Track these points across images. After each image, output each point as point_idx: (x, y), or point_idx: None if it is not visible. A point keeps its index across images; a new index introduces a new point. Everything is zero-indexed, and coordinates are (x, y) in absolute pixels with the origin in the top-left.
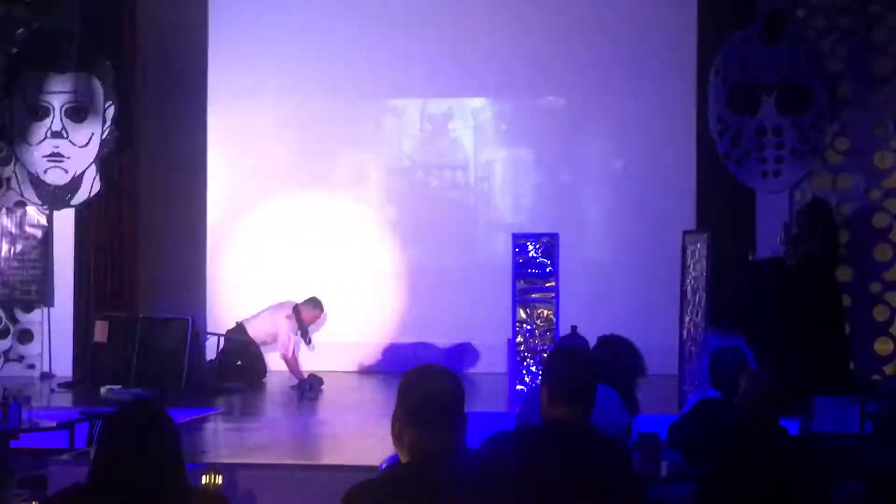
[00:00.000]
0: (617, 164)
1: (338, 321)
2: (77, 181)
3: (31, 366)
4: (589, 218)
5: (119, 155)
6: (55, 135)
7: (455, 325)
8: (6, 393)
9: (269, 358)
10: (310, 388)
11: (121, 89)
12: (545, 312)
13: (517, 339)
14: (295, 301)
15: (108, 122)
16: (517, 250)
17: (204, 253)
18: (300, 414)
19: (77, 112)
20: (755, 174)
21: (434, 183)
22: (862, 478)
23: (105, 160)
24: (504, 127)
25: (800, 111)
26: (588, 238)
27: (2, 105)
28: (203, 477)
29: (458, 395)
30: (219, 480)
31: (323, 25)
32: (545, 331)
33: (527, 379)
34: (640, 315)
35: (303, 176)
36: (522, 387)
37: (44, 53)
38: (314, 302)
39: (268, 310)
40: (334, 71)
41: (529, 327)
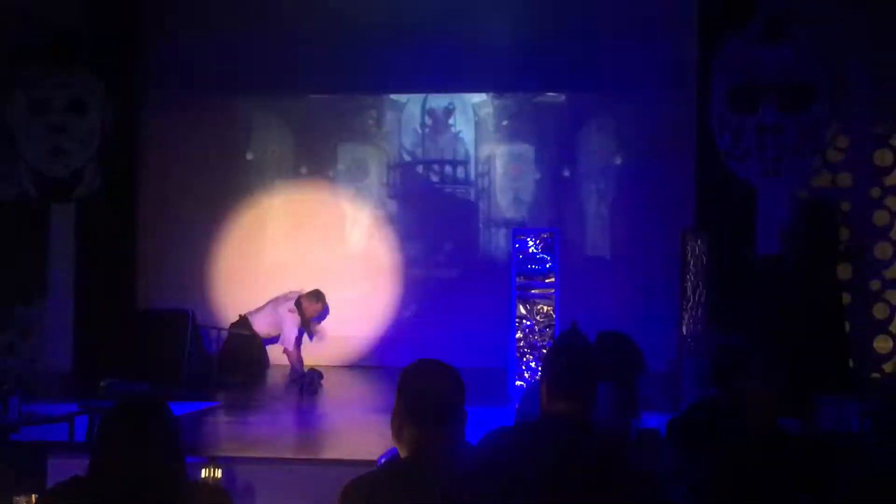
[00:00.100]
0: (617, 161)
1: (337, 316)
2: (78, 176)
3: (32, 359)
4: (589, 214)
5: (119, 150)
6: (56, 129)
7: (454, 321)
8: (6, 386)
9: (271, 352)
10: (309, 383)
11: (122, 84)
12: (545, 308)
13: (517, 335)
14: (297, 293)
15: (109, 117)
16: (517, 246)
17: (204, 246)
18: (299, 408)
19: (78, 106)
20: (756, 172)
21: (434, 178)
22: (861, 476)
23: (106, 155)
24: (505, 122)
25: (800, 109)
26: (588, 234)
27: (4, 99)
28: (202, 470)
29: (458, 391)
30: (218, 474)
31: (324, 19)
32: (545, 327)
33: (526, 375)
34: (640, 312)
35: (303, 170)
36: (522, 382)
37: (46, 47)
38: (316, 295)
39: (270, 303)
40: (335, 65)
41: (529, 323)
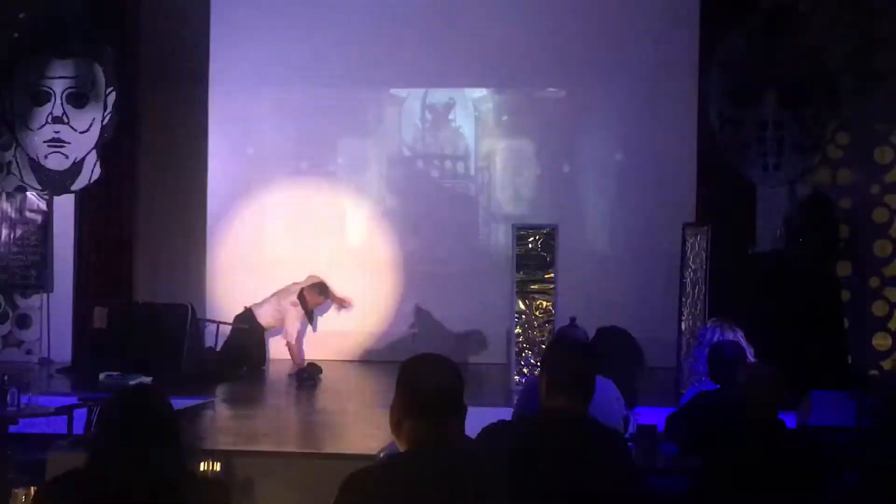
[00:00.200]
0: (617, 156)
1: (337, 310)
2: (77, 167)
3: (30, 351)
4: (589, 210)
5: (120, 141)
6: (56, 120)
7: (454, 316)
8: (5, 378)
9: (272, 345)
10: (308, 377)
11: (122, 75)
12: (544, 304)
13: (516, 331)
14: (301, 285)
15: (109, 108)
16: (517, 241)
17: (204, 240)
18: (298, 402)
19: (78, 97)
20: (756, 167)
21: (434, 173)
22: (858, 471)
23: (106, 146)
24: (505, 118)
25: (801, 105)
26: (588, 230)
27: (3, 89)
28: (201, 464)
29: (457, 385)
30: (217, 467)
31: (324, 14)
32: (544, 322)
33: (525, 370)
34: (639, 307)
35: (303, 165)
36: (521, 378)
37: (46, 38)
38: (319, 287)
39: (275, 295)
40: (335, 59)
41: (528, 318)
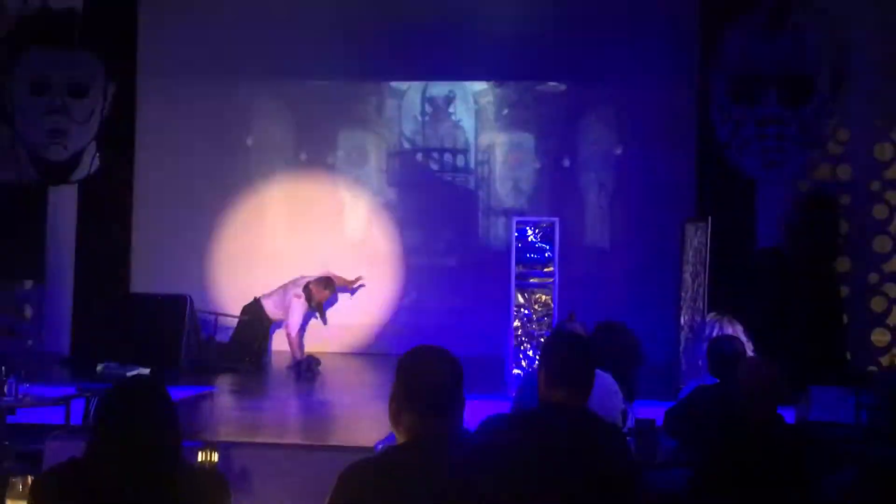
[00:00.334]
0: (618, 151)
1: (336, 302)
2: (77, 158)
3: (29, 341)
4: (589, 204)
5: (119, 133)
6: (56, 111)
7: (452, 309)
8: (3, 368)
9: (273, 337)
10: (307, 369)
11: (122, 67)
12: (543, 297)
13: (515, 324)
14: (308, 278)
15: (109, 100)
16: (516, 235)
17: (203, 232)
18: (297, 394)
19: (78, 89)
20: (756, 163)
21: (434, 166)
22: (856, 467)
23: (105, 138)
24: (505, 111)
25: (801, 101)
26: (587, 224)
27: (4, 80)
28: (199, 454)
29: (456, 377)
30: (214, 458)
31: (326, 6)
32: (543, 316)
33: (524, 363)
34: (639, 302)
35: (302, 157)
36: (519, 371)
37: (46, 29)
38: (325, 281)
39: (282, 287)
40: (336, 51)
41: (527, 312)
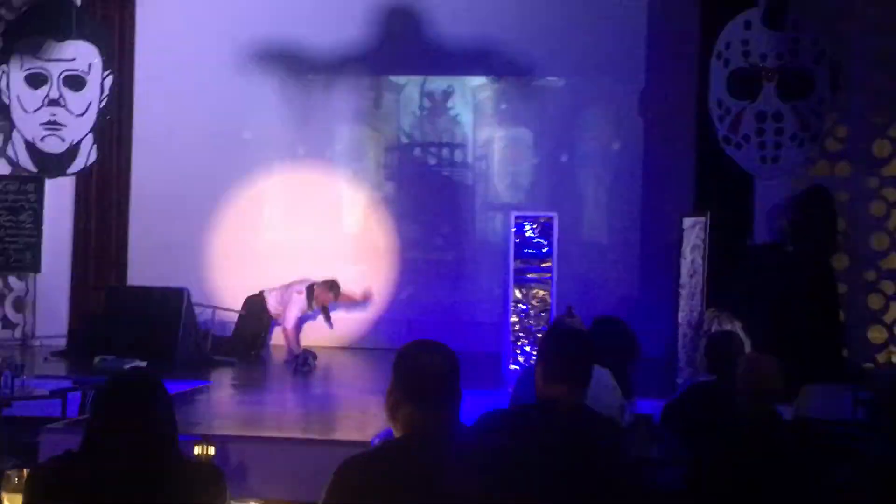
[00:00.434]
0: (616, 146)
1: (322, 279)
2: (74, 149)
3: (25, 334)
4: (586, 199)
5: (116, 125)
6: (52, 103)
7: (449, 303)
8: None
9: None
10: (304, 363)
11: (119, 58)
12: (541, 293)
13: (512, 319)
14: (314, 280)
15: (106, 91)
16: (514, 230)
17: (201, 224)
18: (293, 388)
19: (75, 80)
20: (754, 159)
21: (432, 161)
22: (853, 464)
23: (102, 129)
24: (503, 106)
25: (800, 97)
26: (585, 219)
27: (0, 71)
28: (195, 448)
29: (454, 371)
30: (211, 451)
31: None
32: (540, 311)
33: (521, 359)
34: (636, 297)
35: (300, 151)
36: (516, 366)
37: (43, 21)
38: (330, 284)
39: (286, 285)
40: (334, 45)
41: (525, 307)
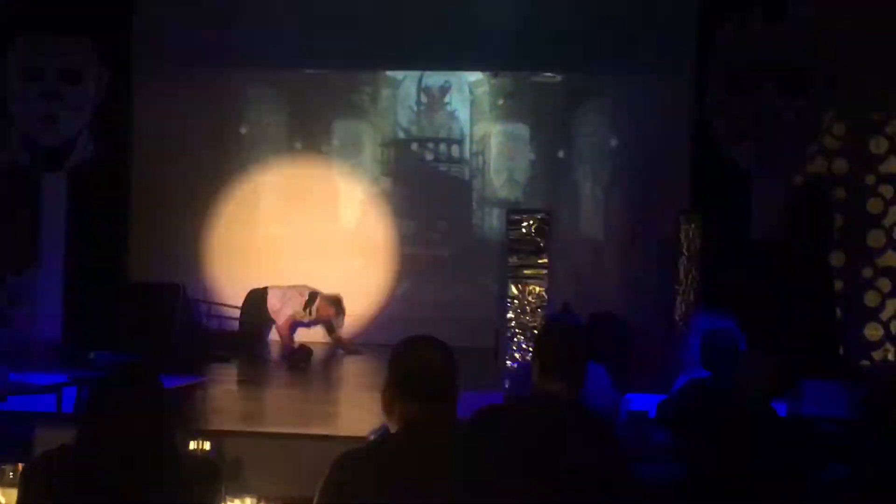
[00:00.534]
0: (613, 142)
1: (329, 292)
2: (70, 144)
3: (21, 328)
4: (583, 195)
5: (113, 119)
6: (49, 97)
7: (446, 300)
8: None
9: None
10: (299, 359)
11: (117, 53)
12: (537, 289)
13: (508, 315)
14: (320, 291)
15: (103, 87)
16: (511, 226)
17: (197, 219)
18: (289, 384)
19: (72, 74)
20: (751, 156)
21: (429, 156)
22: (849, 461)
23: (99, 124)
24: (501, 102)
25: (798, 94)
26: (582, 215)
27: None
28: (191, 443)
29: (450, 366)
30: (206, 447)
31: None
32: (536, 307)
33: (517, 355)
34: (632, 294)
35: (297, 145)
36: (512, 363)
37: (40, 14)
38: (335, 300)
39: (292, 285)
40: (331, 40)
41: (521, 303)
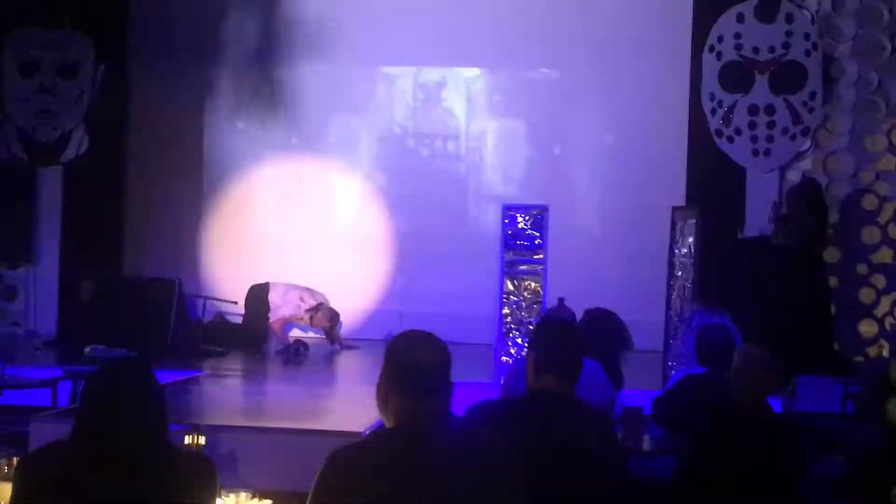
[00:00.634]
0: (608, 138)
1: (324, 288)
2: (66, 139)
3: (16, 323)
4: (579, 191)
5: (108, 114)
6: (45, 91)
7: (441, 295)
8: None
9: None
10: (295, 354)
11: (112, 47)
12: (532, 284)
13: (504, 311)
14: (324, 302)
15: (99, 81)
16: (507, 221)
17: (194, 214)
18: (285, 378)
19: (67, 69)
20: (746, 152)
21: (425, 152)
22: (842, 456)
23: (94, 118)
24: (497, 98)
25: (793, 90)
26: (578, 211)
27: None
28: (186, 437)
29: (444, 362)
30: (201, 442)
31: None
32: (532, 303)
33: (512, 350)
34: (628, 289)
35: (293, 141)
36: (508, 358)
37: (35, 8)
38: (332, 315)
39: (295, 285)
40: (327, 35)
41: (516, 299)
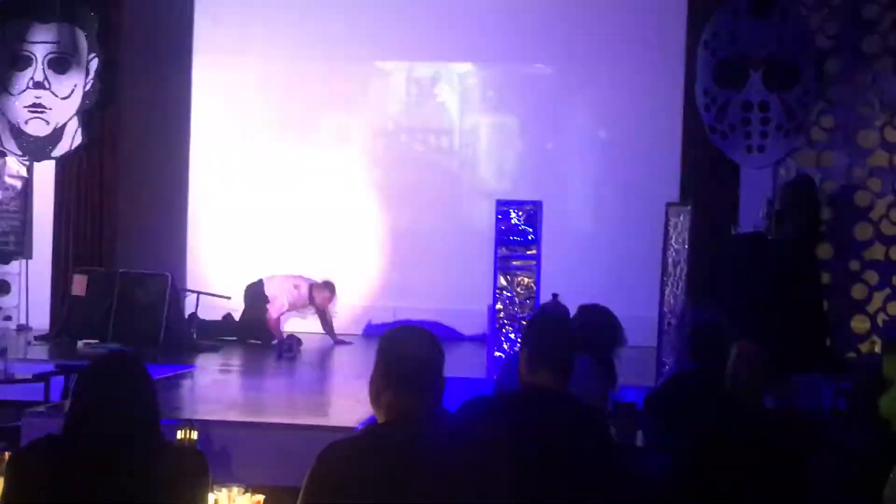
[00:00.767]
0: (602, 134)
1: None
2: (58, 133)
3: (8, 318)
4: (572, 187)
5: (101, 108)
6: (37, 85)
7: (435, 291)
8: None
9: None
10: (288, 349)
11: (105, 41)
12: (526, 280)
13: (497, 306)
14: (313, 280)
15: (92, 74)
16: (500, 217)
17: (186, 209)
18: (278, 373)
19: (60, 63)
20: (740, 148)
21: (418, 147)
22: (835, 452)
23: (87, 113)
24: (490, 93)
25: (786, 87)
26: (571, 207)
27: None
28: (178, 432)
29: (437, 357)
30: (194, 436)
31: None
32: (525, 298)
33: (505, 346)
34: (621, 285)
35: (287, 136)
36: (501, 353)
37: (28, 2)
38: (327, 285)
39: (286, 275)
40: (321, 31)
41: (510, 294)
